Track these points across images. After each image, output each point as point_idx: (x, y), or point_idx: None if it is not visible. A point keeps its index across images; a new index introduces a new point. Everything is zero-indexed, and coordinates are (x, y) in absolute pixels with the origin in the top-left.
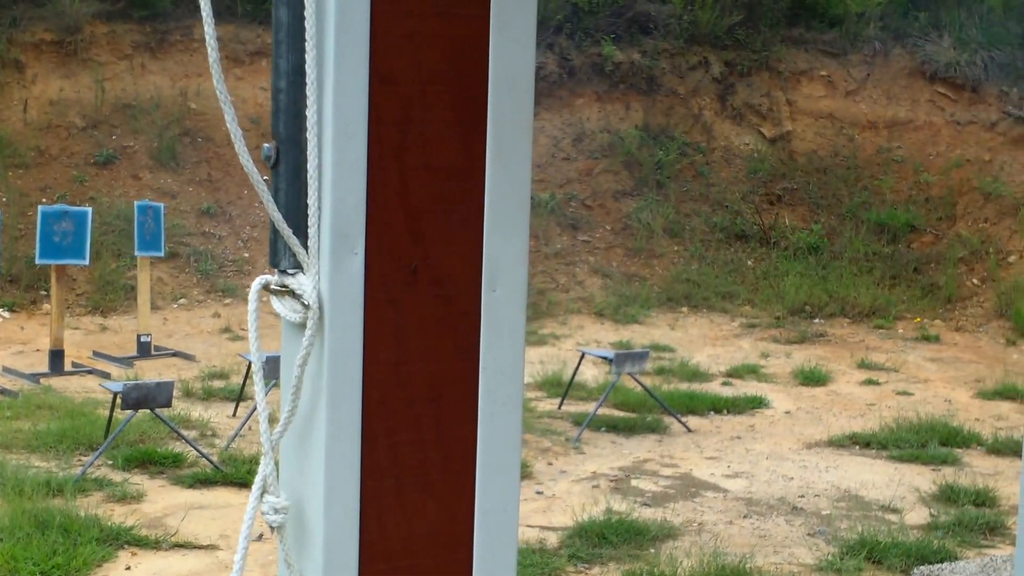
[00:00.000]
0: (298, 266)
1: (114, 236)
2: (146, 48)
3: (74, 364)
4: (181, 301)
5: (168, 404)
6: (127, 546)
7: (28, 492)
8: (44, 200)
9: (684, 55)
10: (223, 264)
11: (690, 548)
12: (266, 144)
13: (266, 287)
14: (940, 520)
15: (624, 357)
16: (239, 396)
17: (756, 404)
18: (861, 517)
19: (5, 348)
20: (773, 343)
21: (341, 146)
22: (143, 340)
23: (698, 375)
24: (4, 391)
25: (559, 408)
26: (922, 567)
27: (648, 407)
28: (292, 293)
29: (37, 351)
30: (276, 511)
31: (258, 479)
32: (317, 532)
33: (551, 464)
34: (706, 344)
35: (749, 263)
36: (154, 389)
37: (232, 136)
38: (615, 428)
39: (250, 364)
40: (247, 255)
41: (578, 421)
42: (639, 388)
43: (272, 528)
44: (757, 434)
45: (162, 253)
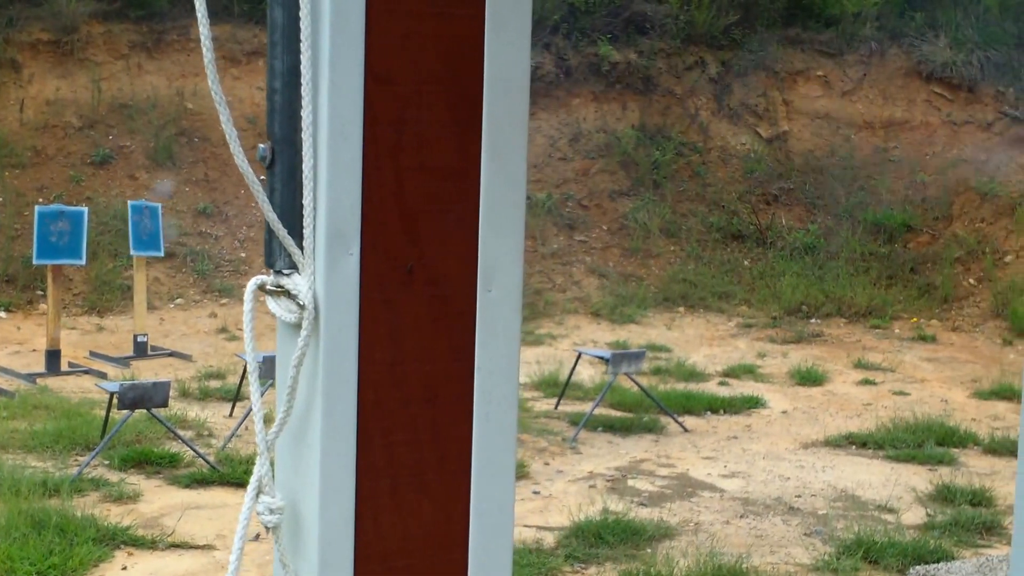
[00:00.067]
0: (293, 266)
1: (110, 236)
2: (143, 48)
3: (70, 364)
4: (178, 301)
5: (164, 404)
6: (123, 546)
7: (24, 492)
8: (40, 200)
9: (680, 55)
10: (220, 264)
11: (687, 548)
12: (261, 144)
13: (261, 287)
14: (936, 520)
15: (621, 357)
16: (235, 396)
17: (752, 404)
18: (857, 517)
19: (1, 348)
20: (769, 343)
21: (336, 146)
22: (139, 340)
23: (694, 375)
24: (0, 391)
25: (556, 408)
26: (918, 567)
27: (645, 407)
28: (287, 293)
29: (33, 351)
30: (271, 511)
31: (253, 479)
32: (312, 532)
33: (548, 464)
34: (702, 344)
35: (745, 263)
36: (150, 389)
37: (227, 136)
38: (612, 428)
39: (247, 364)
40: (244, 255)
41: (575, 421)
42: (636, 388)
43: (267, 528)
44: (754, 434)
45: (161, 252)
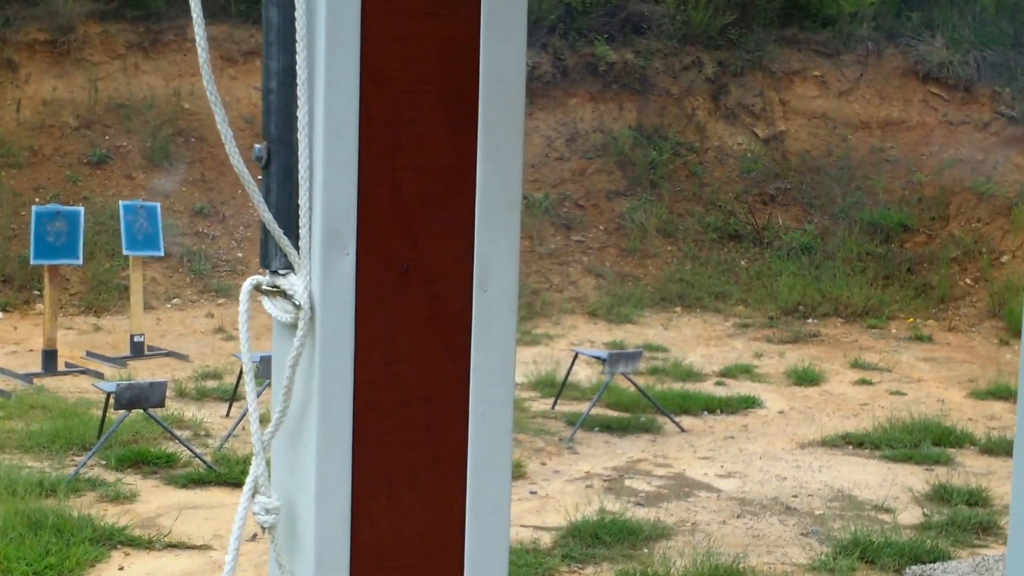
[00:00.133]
0: (289, 267)
1: (107, 236)
2: (139, 48)
3: (67, 364)
4: (174, 301)
5: (161, 404)
6: (120, 546)
7: (21, 492)
8: (37, 200)
9: (677, 55)
10: (216, 264)
11: (683, 548)
12: (257, 144)
13: (257, 287)
14: (933, 520)
15: (617, 357)
16: (232, 396)
17: (749, 404)
18: (854, 517)
19: None
20: (766, 343)
21: (332, 146)
22: (136, 340)
23: (691, 375)
24: None
25: (552, 408)
26: (915, 567)
27: (641, 407)
28: (283, 294)
29: (30, 351)
30: (267, 511)
31: (249, 479)
32: (308, 532)
33: (544, 464)
34: (699, 344)
35: (742, 263)
36: (147, 389)
37: (223, 137)
38: (608, 428)
39: (243, 364)
40: (240, 255)
41: (572, 421)
42: (632, 388)
43: (264, 528)
44: (750, 434)
45: (161, 252)
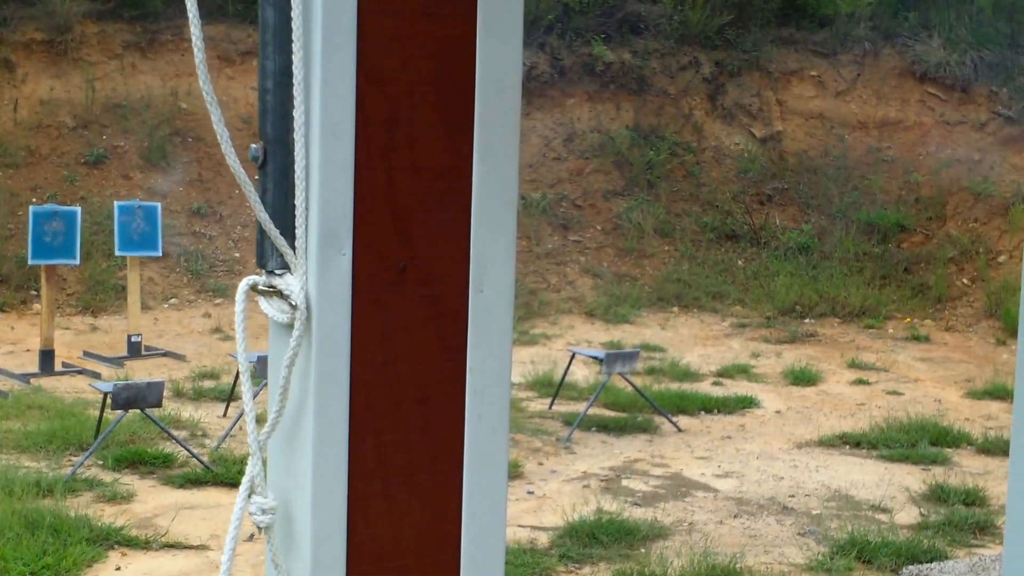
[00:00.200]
0: (285, 266)
1: (104, 236)
2: (136, 48)
3: (64, 364)
4: (172, 301)
5: (158, 404)
6: (117, 546)
7: (18, 492)
8: (34, 200)
9: (674, 55)
10: (214, 264)
11: (680, 548)
12: (253, 144)
13: (253, 287)
14: (930, 520)
15: (615, 357)
16: (229, 396)
17: (746, 404)
18: (851, 517)
19: None
20: (763, 343)
21: (328, 146)
22: (133, 340)
23: (688, 375)
24: None
25: (550, 408)
26: (911, 566)
27: (639, 407)
28: (280, 294)
29: (27, 351)
30: (264, 511)
31: (245, 479)
32: (305, 533)
33: (542, 464)
34: (696, 344)
35: (739, 263)
36: (144, 389)
37: (219, 137)
38: (606, 428)
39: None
40: (238, 255)
41: (569, 421)
42: (630, 388)
43: (260, 528)
44: (747, 434)
45: (159, 252)
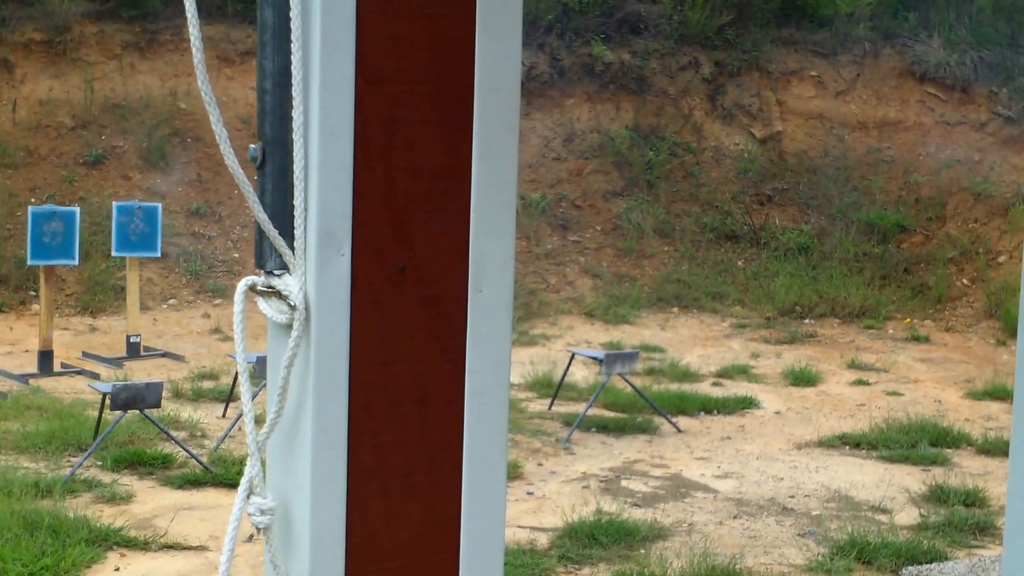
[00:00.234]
0: (284, 267)
1: (103, 236)
2: (135, 48)
3: (63, 365)
4: (171, 302)
5: (157, 405)
6: (116, 547)
7: (17, 493)
8: (33, 200)
9: (674, 55)
10: (213, 264)
11: (680, 549)
12: (252, 145)
13: (252, 288)
14: (930, 520)
15: (614, 358)
16: (228, 397)
17: (746, 404)
18: (851, 517)
19: None
20: (763, 343)
21: (327, 147)
22: (132, 341)
23: (688, 375)
24: None
25: (549, 409)
26: (911, 567)
27: (638, 408)
28: (278, 294)
29: (26, 352)
30: (262, 512)
31: (244, 480)
32: (303, 533)
33: (541, 465)
34: (696, 344)
35: (739, 263)
36: (143, 390)
37: (217, 137)
38: (605, 429)
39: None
40: (237, 255)
41: (568, 422)
42: (629, 388)
43: (259, 529)
44: (747, 434)
45: (158, 253)
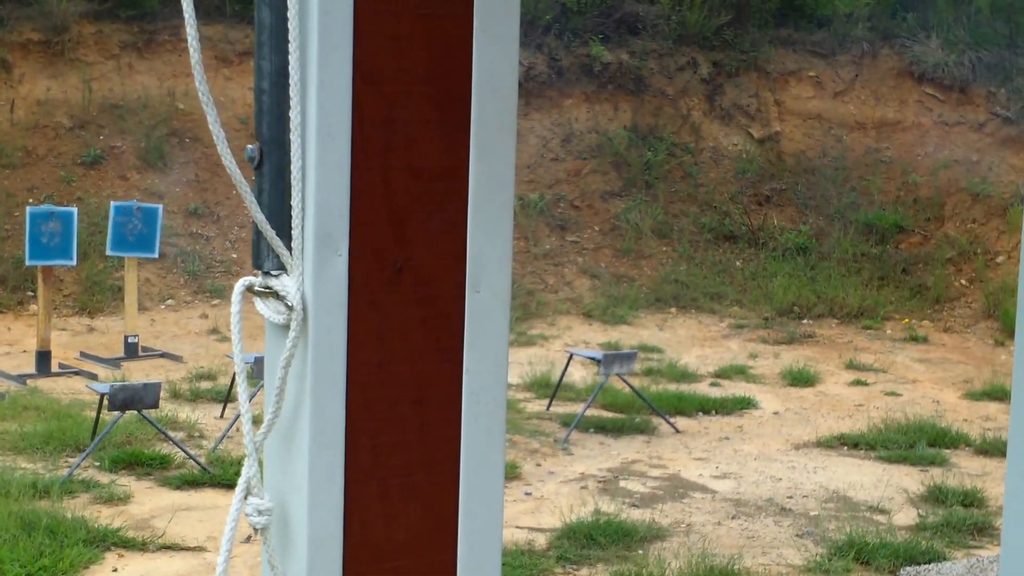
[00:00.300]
0: (282, 267)
1: (101, 237)
2: (133, 48)
3: (61, 365)
4: (168, 302)
5: (155, 405)
6: (114, 548)
7: (14, 494)
8: (31, 200)
9: (672, 55)
10: (211, 265)
11: (678, 549)
12: (249, 145)
13: (250, 288)
14: (928, 521)
15: (612, 358)
16: (226, 397)
17: (744, 405)
18: (849, 518)
19: None
20: (761, 344)
21: (325, 147)
22: (130, 341)
23: (686, 376)
24: None
25: (547, 409)
26: (910, 568)
27: (636, 408)
28: (276, 294)
29: (24, 352)
30: (260, 513)
31: (241, 481)
32: (301, 534)
33: (539, 465)
34: (694, 345)
35: (737, 264)
36: (141, 390)
37: (215, 138)
38: (603, 429)
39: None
40: (235, 256)
41: (566, 422)
42: (627, 389)
43: (256, 530)
44: (745, 435)
45: (155, 253)
